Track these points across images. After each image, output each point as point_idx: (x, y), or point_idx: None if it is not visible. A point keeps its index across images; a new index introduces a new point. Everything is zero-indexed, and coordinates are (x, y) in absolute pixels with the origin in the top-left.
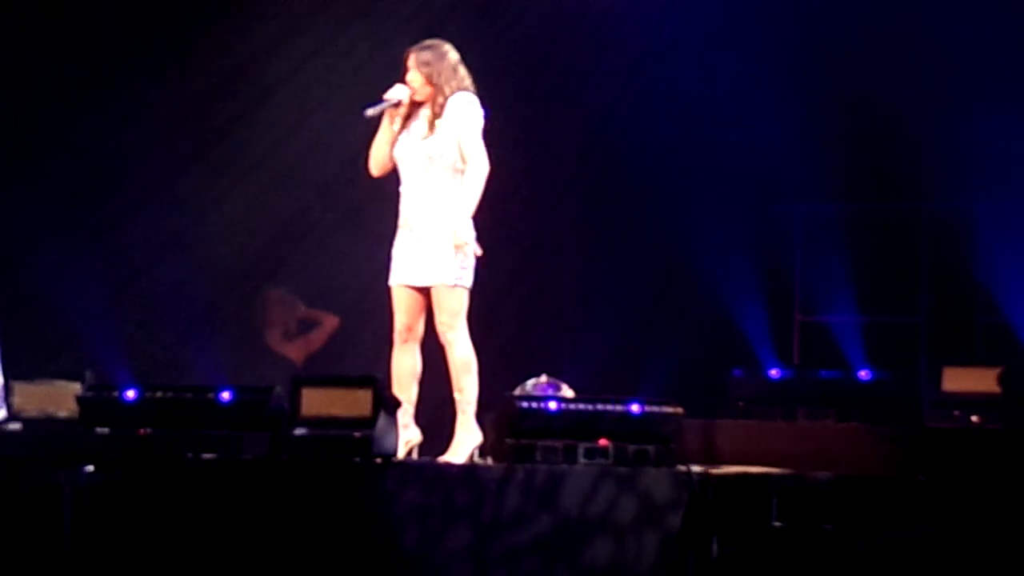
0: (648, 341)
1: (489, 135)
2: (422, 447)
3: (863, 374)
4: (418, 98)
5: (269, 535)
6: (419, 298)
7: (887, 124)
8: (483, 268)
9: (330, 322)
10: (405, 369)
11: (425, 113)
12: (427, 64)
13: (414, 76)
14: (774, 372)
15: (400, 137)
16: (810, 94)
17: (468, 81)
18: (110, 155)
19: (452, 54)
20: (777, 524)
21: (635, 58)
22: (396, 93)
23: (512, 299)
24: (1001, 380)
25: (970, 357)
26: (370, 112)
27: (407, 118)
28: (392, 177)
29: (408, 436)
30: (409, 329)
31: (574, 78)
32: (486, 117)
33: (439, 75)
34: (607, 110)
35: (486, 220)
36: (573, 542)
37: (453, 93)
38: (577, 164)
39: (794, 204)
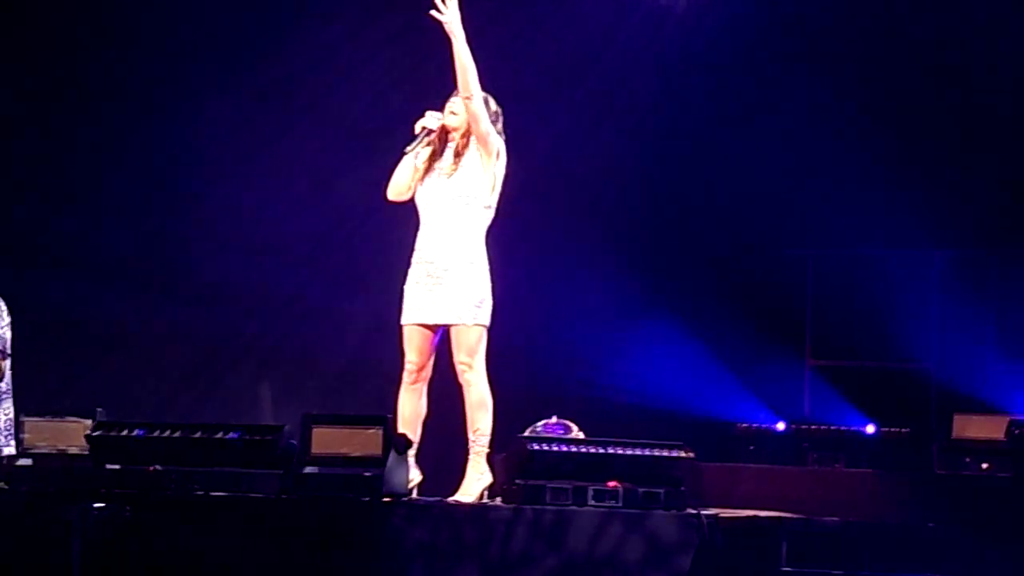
0: (659, 383)
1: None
2: (426, 487)
3: (869, 428)
4: (452, 124)
5: (278, 573)
6: (432, 337)
7: (901, 171)
8: (494, 310)
9: None
10: (410, 410)
11: (451, 148)
12: (471, 97)
13: (455, 102)
14: (780, 426)
15: (426, 176)
16: (823, 137)
17: (502, 135)
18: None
19: (493, 103)
20: (786, 569)
21: (648, 102)
22: (429, 121)
23: (522, 340)
24: (1009, 432)
25: (980, 404)
26: (410, 149)
27: (432, 156)
28: (405, 213)
29: (410, 476)
30: (420, 369)
31: (584, 120)
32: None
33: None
34: (618, 154)
35: (497, 264)
36: None
37: None
38: (589, 209)
39: (806, 249)
